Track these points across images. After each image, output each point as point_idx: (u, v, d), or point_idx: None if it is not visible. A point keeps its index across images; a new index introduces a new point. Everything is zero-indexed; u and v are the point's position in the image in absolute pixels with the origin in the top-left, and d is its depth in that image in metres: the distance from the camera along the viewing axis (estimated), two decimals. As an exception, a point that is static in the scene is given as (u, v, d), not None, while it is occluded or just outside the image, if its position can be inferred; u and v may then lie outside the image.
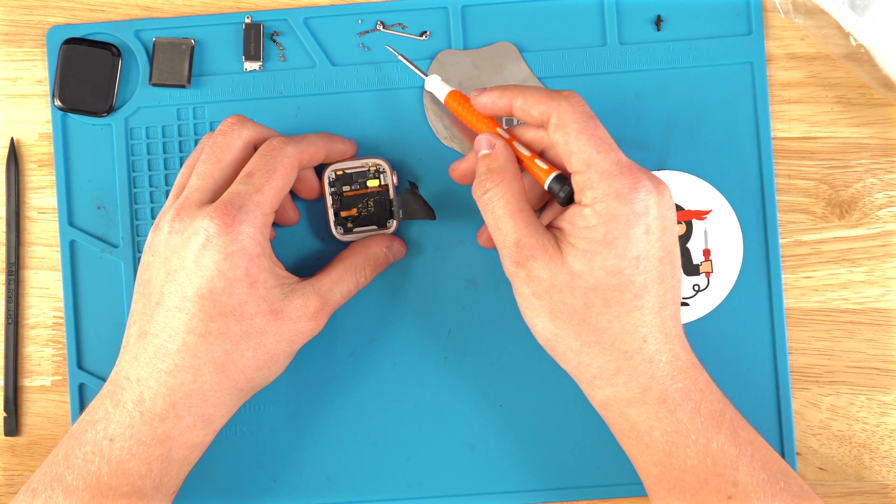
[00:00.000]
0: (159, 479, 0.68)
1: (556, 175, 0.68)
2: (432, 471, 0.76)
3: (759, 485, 0.65)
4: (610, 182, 0.64)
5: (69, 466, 0.67)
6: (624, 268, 0.65)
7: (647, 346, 0.66)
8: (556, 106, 0.66)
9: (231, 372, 0.67)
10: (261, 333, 0.67)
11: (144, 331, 0.67)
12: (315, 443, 0.76)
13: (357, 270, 0.72)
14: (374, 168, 0.74)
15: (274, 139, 0.70)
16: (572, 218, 0.66)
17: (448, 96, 0.73)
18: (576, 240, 0.65)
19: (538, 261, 0.66)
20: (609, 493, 0.76)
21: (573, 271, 0.65)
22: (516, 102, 0.68)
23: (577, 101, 0.67)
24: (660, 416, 0.66)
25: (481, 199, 0.68)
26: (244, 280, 0.66)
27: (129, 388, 0.67)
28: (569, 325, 0.66)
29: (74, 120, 0.77)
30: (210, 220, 0.66)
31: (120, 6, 0.77)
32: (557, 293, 0.66)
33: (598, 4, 0.77)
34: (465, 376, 0.76)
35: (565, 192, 0.67)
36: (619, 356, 0.66)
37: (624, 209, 0.64)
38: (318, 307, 0.69)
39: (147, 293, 0.68)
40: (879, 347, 0.76)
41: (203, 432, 0.68)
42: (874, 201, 0.77)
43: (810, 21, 0.75)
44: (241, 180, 0.68)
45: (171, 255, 0.67)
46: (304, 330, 0.69)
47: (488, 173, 0.68)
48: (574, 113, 0.66)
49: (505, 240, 0.67)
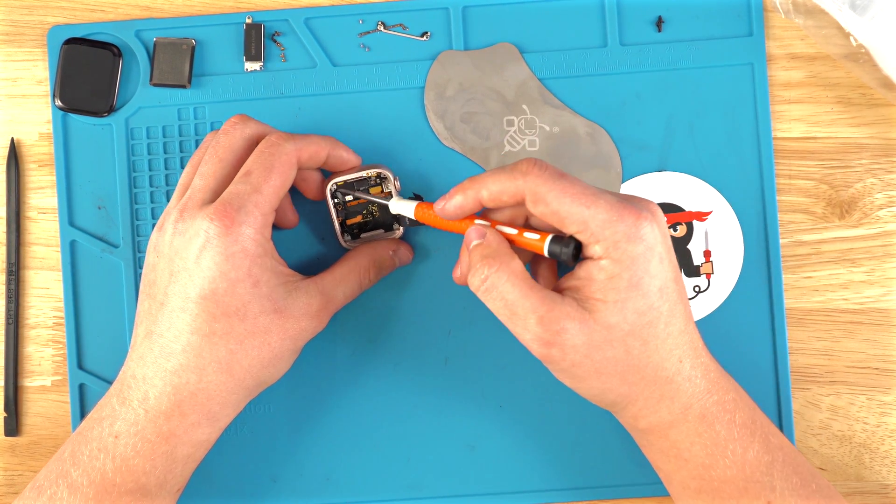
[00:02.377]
0: (164, 476, 0.68)
1: (553, 237, 0.66)
2: (432, 471, 0.76)
3: (794, 489, 0.65)
4: (614, 228, 0.63)
5: (75, 463, 0.67)
6: (653, 303, 0.64)
7: (684, 365, 0.66)
8: (524, 182, 0.65)
9: (236, 371, 0.67)
10: (265, 332, 0.67)
11: (150, 331, 0.67)
12: (315, 443, 0.76)
13: (361, 271, 0.72)
14: (375, 175, 0.74)
15: (272, 135, 0.70)
16: (589, 274, 0.64)
17: (416, 210, 0.71)
18: (602, 293, 0.64)
19: (569, 331, 0.64)
20: (609, 494, 0.76)
21: (609, 325, 0.64)
22: (482, 195, 0.66)
23: (539, 169, 0.65)
24: (700, 432, 0.66)
25: (482, 289, 0.65)
26: (247, 280, 0.66)
27: (135, 386, 0.67)
28: (615, 375, 0.65)
29: (75, 120, 0.77)
30: (209, 222, 0.65)
31: (120, 6, 0.78)
32: (598, 351, 0.64)
33: (598, 5, 0.77)
34: (465, 376, 0.76)
35: (570, 248, 0.65)
36: (663, 383, 0.66)
37: (638, 248, 0.63)
38: (320, 305, 0.69)
39: (152, 294, 0.68)
40: (880, 347, 0.76)
41: (208, 430, 0.68)
42: (874, 201, 0.77)
43: (810, 21, 0.75)
44: (240, 179, 0.67)
45: (174, 255, 0.67)
46: (307, 328, 0.69)
47: (483, 259, 0.65)
48: (546, 182, 0.64)
49: (526, 323, 0.64)
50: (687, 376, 0.66)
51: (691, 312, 0.68)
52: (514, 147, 0.77)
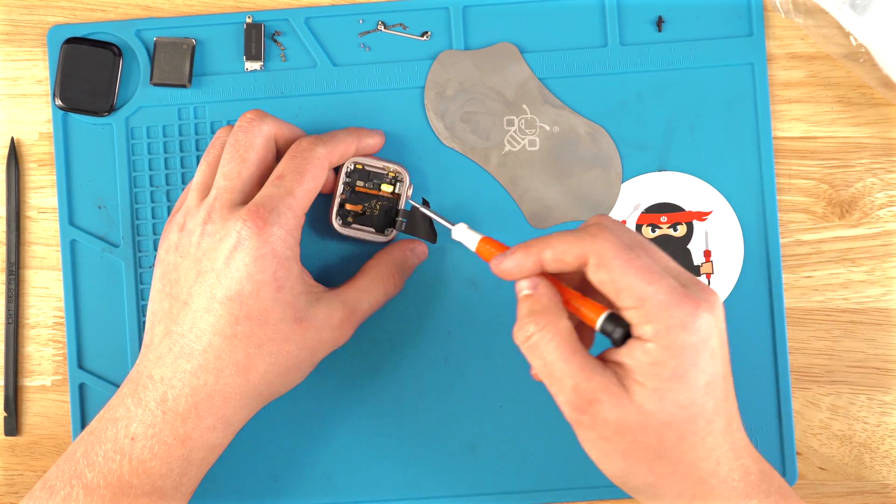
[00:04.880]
0: (179, 480, 0.67)
1: (609, 314, 0.62)
2: (432, 471, 0.76)
3: None
4: (671, 313, 0.60)
5: (89, 464, 0.67)
6: (696, 399, 0.61)
7: (721, 467, 0.63)
8: (591, 245, 0.62)
9: (252, 376, 0.67)
10: (284, 340, 0.67)
11: (170, 330, 0.67)
12: (315, 443, 0.76)
13: (385, 279, 0.72)
14: (393, 174, 0.74)
15: (303, 140, 0.70)
16: (633, 353, 0.61)
17: (479, 244, 0.68)
18: (643, 377, 0.61)
19: (603, 404, 0.61)
20: (609, 494, 0.76)
21: (644, 410, 0.61)
22: (546, 255, 0.63)
23: (609, 234, 0.62)
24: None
25: (526, 345, 0.63)
26: (272, 284, 0.66)
27: (152, 387, 0.67)
28: (643, 462, 0.62)
29: (75, 119, 0.77)
30: (243, 223, 0.66)
31: (121, 6, 0.78)
32: (629, 433, 0.62)
33: (599, 5, 0.77)
34: (465, 376, 0.76)
35: (620, 332, 0.62)
36: (695, 483, 0.63)
37: (691, 339, 0.60)
38: (343, 317, 0.69)
39: (175, 294, 0.68)
40: (880, 347, 0.76)
41: (222, 434, 0.68)
42: (874, 201, 0.77)
43: (811, 21, 0.75)
44: (273, 183, 0.68)
45: (202, 256, 0.67)
46: (327, 340, 0.69)
47: (531, 315, 0.63)
48: (613, 248, 0.61)
49: (562, 386, 0.62)
50: (723, 479, 0.63)
51: (738, 412, 0.65)
52: (514, 147, 0.77)
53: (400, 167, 0.74)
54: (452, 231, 0.70)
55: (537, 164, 0.77)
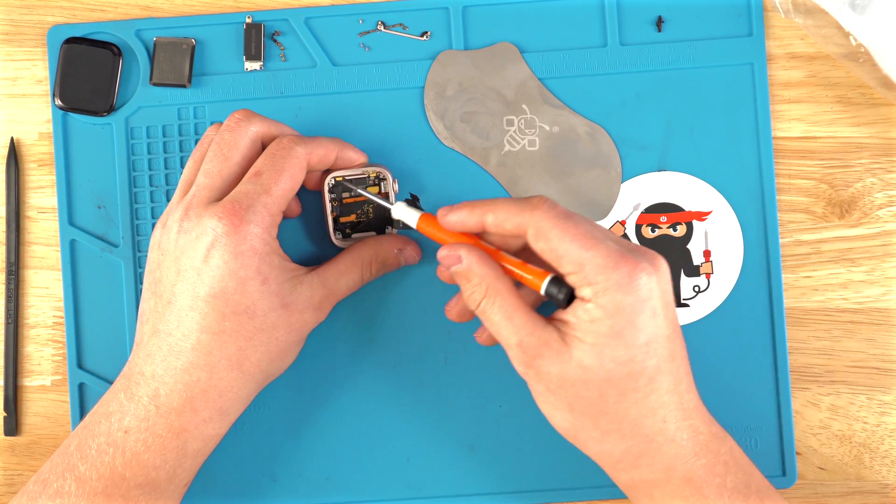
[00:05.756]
0: (173, 471, 0.68)
1: (552, 278, 0.65)
2: (432, 471, 0.76)
3: None
4: (608, 275, 0.63)
5: (82, 457, 0.67)
6: (635, 356, 0.63)
7: (668, 426, 0.65)
8: (530, 216, 0.65)
9: (246, 367, 0.67)
10: (273, 328, 0.67)
11: (157, 329, 0.67)
12: (315, 443, 0.76)
13: (364, 265, 0.72)
14: (374, 175, 0.73)
15: (284, 138, 0.70)
16: (575, 312, 0.64)
17: (420, 221, 0.70)
18: (582, 334, 0.64)
19: (545, 358, 0.64)
20: (609, 494, 0.76)
21: (583, 365, 0.64)
22: (488, 219, 0.66)
23: (548, 206, 0.65)
24: (686, 496, 0.65)
25: (477, 311, 0.67)
26: (256, 278, 0.66)
27: (143, 383, 0.67)
28: (587, 415, 0.65)
29: (75, 119, 0.77)
30: (217, 220, 0.66)
31: (120, 6, 0.78)
32: (571, 387, 0.64)
33: (598, 5, 0.77)
34: (465, 376, 0.76)
35: (564, 293, 0.65)
36: (641, 440, 0.65)
37: (628, 298, 0.63)
38: (322, 297, 0.70)
39: (158, 292, 0.68)
40: (879, 347, 0.76)
41: (219, 425, 0.68)
42: (874, 201, 0.77)
43: (810, 20, 0.75)
44: (249, 179, 0.68)
45: (180, 254, 0.67)
46: (309, 320, 0.69)
47: (470, 284, 0.67)
48: (551, 218, 0.64)
49: (508, 343, 0.65)
50: (670, 437, 0.65)
51: (690, 374, 0.66)
52: (513, 147, 0.77)
53: (380, 167, 0.73)
54: (392, 210, 0.71)
55: (537, 164, 0.77)
